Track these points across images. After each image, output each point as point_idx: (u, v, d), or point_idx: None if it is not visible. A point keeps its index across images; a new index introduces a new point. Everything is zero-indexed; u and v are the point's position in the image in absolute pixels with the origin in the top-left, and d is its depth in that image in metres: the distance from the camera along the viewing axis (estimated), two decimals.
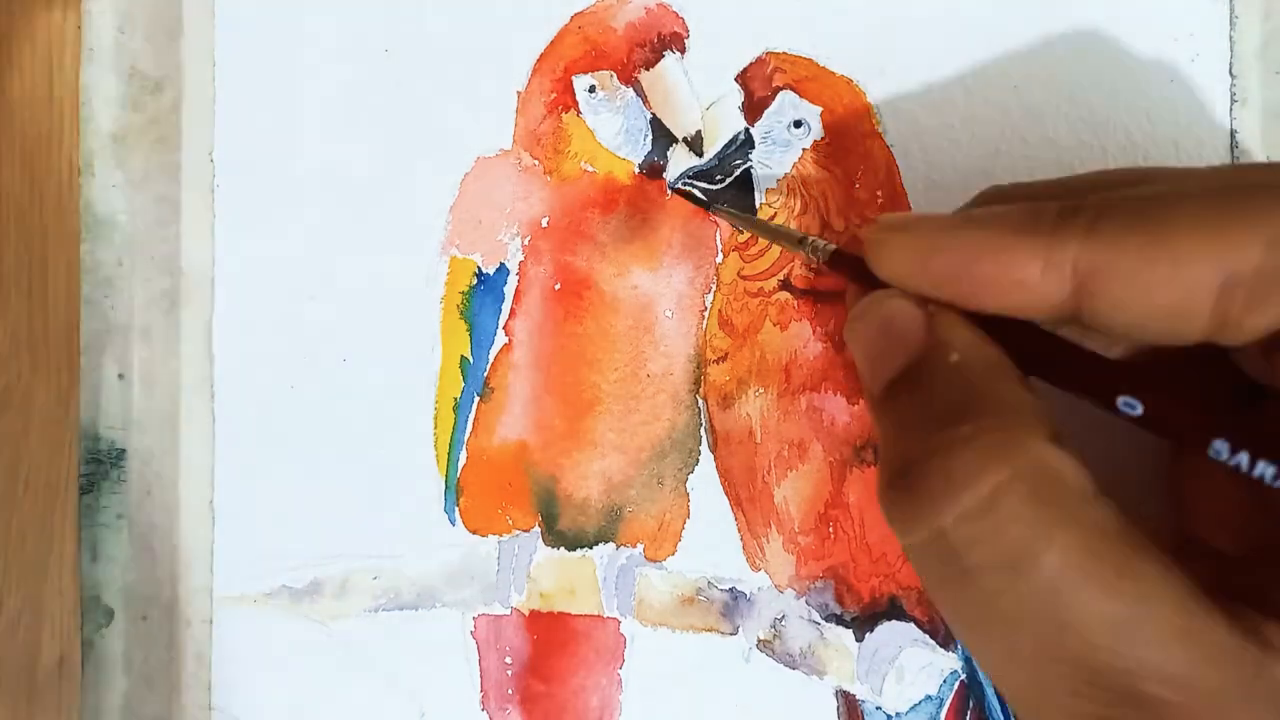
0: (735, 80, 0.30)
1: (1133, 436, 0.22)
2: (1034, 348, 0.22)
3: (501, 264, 0.30)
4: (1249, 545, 0.23)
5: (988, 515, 0.20)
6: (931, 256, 0.22)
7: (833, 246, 0.26)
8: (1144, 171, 0.24)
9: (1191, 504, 0.24)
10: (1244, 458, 0.20)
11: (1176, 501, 0.25)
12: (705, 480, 0.30)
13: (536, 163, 0.30)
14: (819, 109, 0.30)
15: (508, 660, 0.30)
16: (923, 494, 0.21)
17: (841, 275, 0.26)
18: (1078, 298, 0.21)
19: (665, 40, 0.30)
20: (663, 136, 0.30)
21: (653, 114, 0.30)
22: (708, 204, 0.29)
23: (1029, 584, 0.20)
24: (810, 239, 0.27)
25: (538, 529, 0.30)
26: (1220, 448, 0.20)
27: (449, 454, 0.30)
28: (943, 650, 0.30)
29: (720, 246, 0.30)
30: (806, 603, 0.30)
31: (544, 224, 0.30)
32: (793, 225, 0.30)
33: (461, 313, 0.30)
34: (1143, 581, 0.19)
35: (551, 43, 0.30)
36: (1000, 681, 0.21)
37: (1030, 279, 0.21)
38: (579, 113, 0.30)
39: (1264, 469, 0.20)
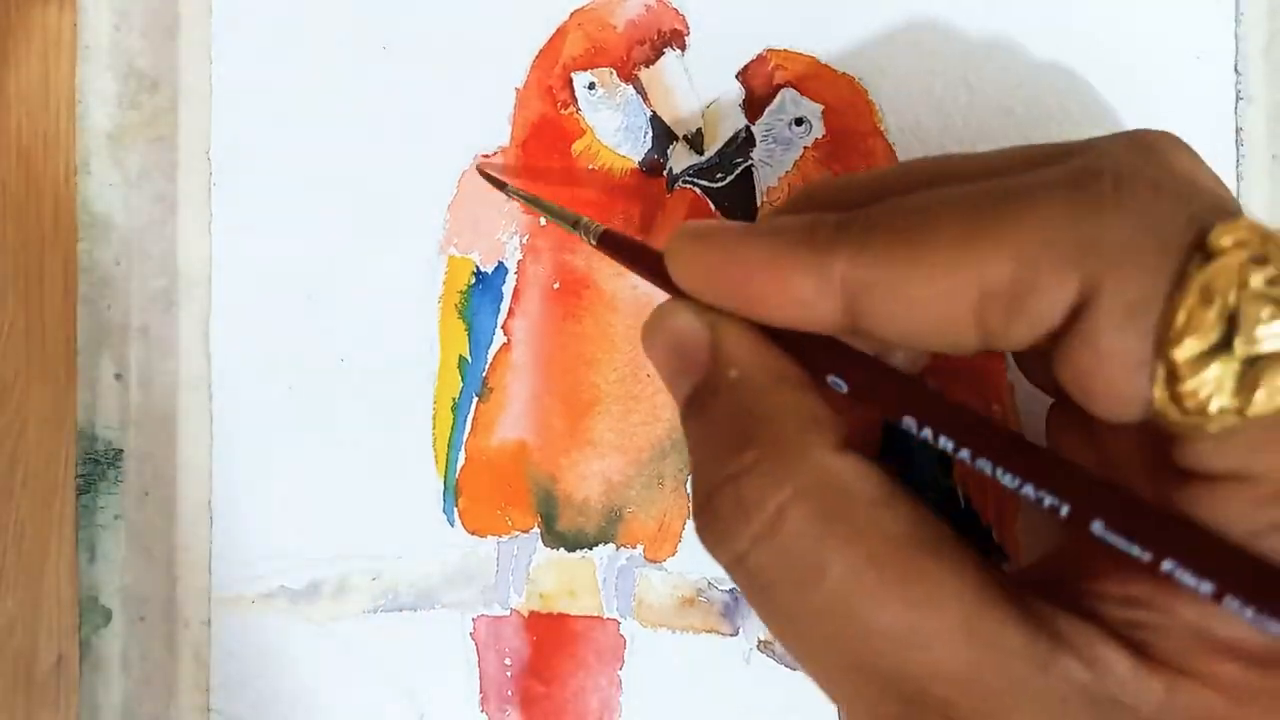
0: (736, 78, 0.30)
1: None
2: (825, 356, 0.22)
3: (500, 263, 0.30)
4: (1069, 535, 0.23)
5: (775, 536, 0.20)
6: (718, 269, 0.22)
7: (602, 228, 0.26)
8: (936, 165, 0.24)
9: None
10: (928, 432, 0.21)
11: None
12: None
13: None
14: (820, 107, 0.30)
15: (507, 661, 0.30)
16: (721, 522, 0.21)
17: (615, 258, 0.26)
18: (850, 313, 0.21)
19: (665, 37, 0.30)
20: (663, 134, 0.30)
21: (653, 111, 0.30)
22: (504, 185, 0.29)
23: (819, 598, 0.20)
24: (583, 220, 0.26)
25: (537, 530, 0.30)
26: (909, 423, 0.21)
27: (447, 454, 0.30)
28: None
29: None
30: None
31: (542, 222, 0.30)
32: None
33: (460, 312, 0.30)
34: (928, 584, 0.20)
35: (551, 40, 0.30)
36: (823, 691, 0.22)
37: (805, 295, 0.21)
38: (578, 110, 0.30)
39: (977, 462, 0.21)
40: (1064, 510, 0.20)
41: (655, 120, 0.30)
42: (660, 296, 0.24)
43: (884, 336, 0.21)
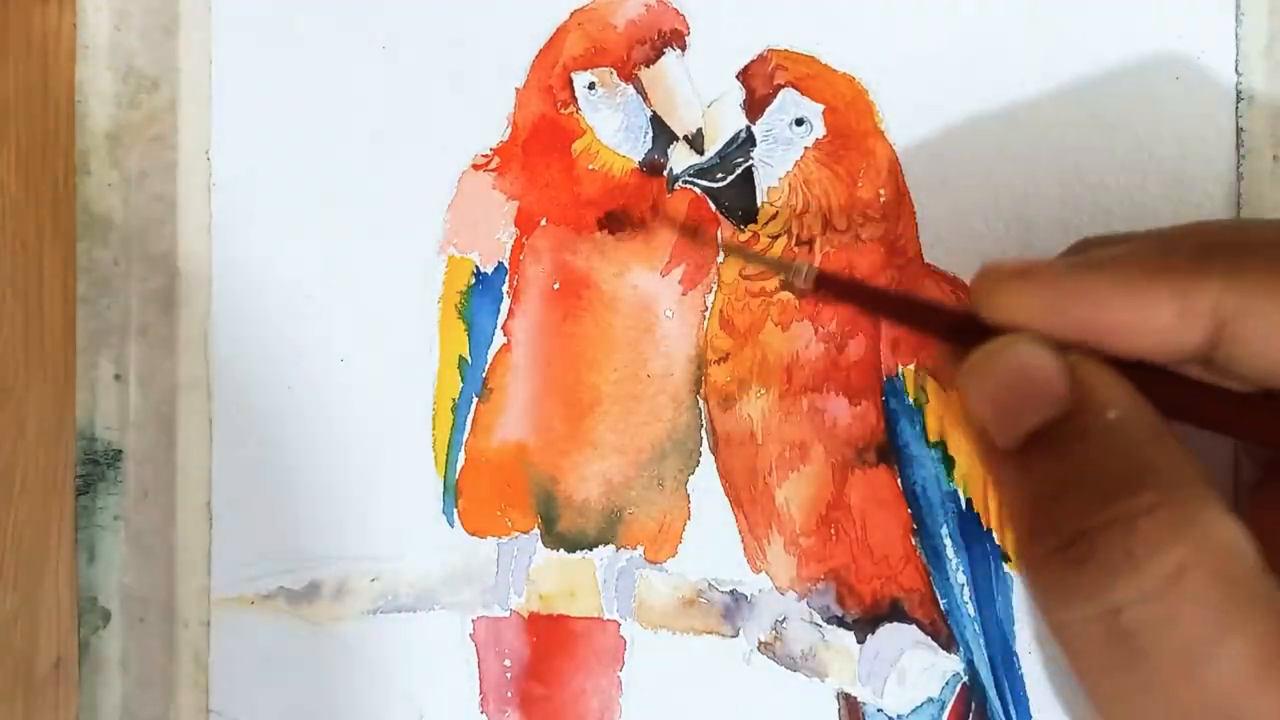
0: (736, 78, 0.30)
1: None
2: (1166, 391, 0.21)
3: (500, 263, 0.30)
4: None
5: (1168, 596, 0.18)
6: (1059, 302, 0.21)
7: (816, 270, 0.26)
8: (1254, 226, 0.23)
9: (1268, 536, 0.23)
10: None
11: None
12: (706, 481, 0.30)
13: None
14: (821, 106, 0.30)
15: (507, 663, 0.30)
16: (1098, 568, 0.19)
17: (828, 300, 0.26)
18: (1214, 341, 0.20)
19: (666, 37, 0.30)
20: (663, 134, 0.30)
21: (653, 111, 0.30)
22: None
23: (1209, 675, 0.18)
24: (795, 264, 0.26)
25: (537, 531, 0.30)
26: None
27: (447, 455, 0.30)
28: (944, 652, 0.29)
29: (721, 245, 0.30)
30: (808, 605, 0.30)
31: (543, 222, 0.30)
32: (795, 224, 0.30)
33: (460, 312, 0.30)
34: None
35: (551, 39, 0.30)
36: None
37: (1165, 323, 0.20)
38: (578, 110, 0.30)
39: None
40: None
41: (655, 120, 0.30)
42: (661, 299, 0.23)
43: (1243, 368, 0.20)
